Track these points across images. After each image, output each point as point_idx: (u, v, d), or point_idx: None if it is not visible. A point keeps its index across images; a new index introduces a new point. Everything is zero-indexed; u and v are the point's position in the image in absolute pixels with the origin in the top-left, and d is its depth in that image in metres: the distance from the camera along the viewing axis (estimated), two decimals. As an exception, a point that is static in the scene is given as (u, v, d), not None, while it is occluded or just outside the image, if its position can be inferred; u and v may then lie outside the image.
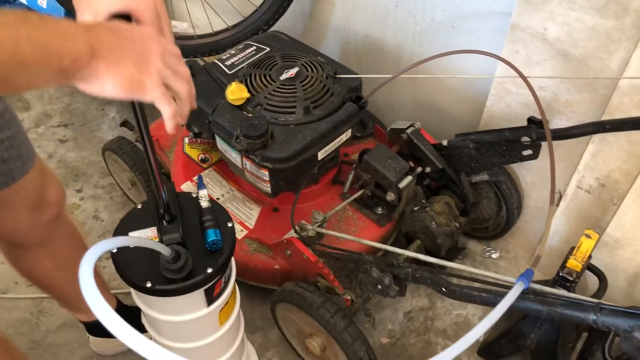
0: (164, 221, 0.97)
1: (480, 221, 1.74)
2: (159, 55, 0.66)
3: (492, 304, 0.83)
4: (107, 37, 0.62)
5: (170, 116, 0.69)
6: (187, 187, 1.64)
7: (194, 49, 1.87)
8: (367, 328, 1.59)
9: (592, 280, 1.52)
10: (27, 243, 1.17)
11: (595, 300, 0.77)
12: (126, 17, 0.72)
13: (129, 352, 1.54)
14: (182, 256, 0.94)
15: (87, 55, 0.60)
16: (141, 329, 1.49)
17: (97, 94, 0.64)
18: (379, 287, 1.14)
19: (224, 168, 1.68)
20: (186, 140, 1.72)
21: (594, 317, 0.75)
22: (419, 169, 1.57)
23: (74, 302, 1.38)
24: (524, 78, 1.26)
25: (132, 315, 1.50)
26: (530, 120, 1.41)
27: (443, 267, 1.25)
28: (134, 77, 0.63)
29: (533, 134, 1.37)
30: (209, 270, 0.96)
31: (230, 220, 1.04)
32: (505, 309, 0.75)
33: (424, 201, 1.59)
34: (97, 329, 1.47)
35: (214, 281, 1.00)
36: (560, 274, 1.26)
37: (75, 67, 0.60)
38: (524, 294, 0.83)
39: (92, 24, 0.66)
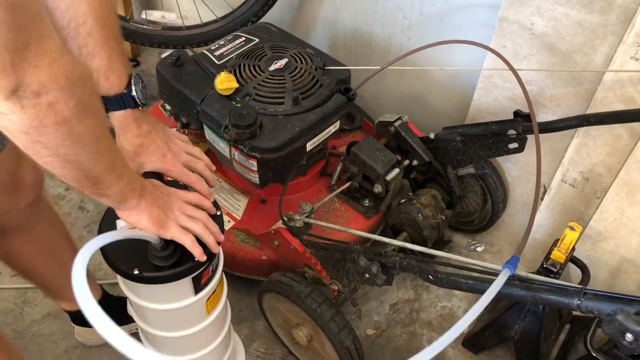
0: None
1: (466, 214, 1.76)
2: (177, 207, 0.90)
3: (479, 291, 0.84)
4: (148, 186, 0.86)
5: (191, 245, 0.90)
6: (174, 177, 1.63)
7: (183, 40, 1.87)
8: (353, 319, 1.60)
9: (575, 274, 1.55)
10: (5, 227, 1.16)
11: (579, 286, 0.78)
12: (158, 174, 0.96)
13: (115, 342, 1.53)
14: (170, 244, 0.94)
15: (139, 191, 0.82)
16: (127, 318, 1.49)
17: (132, 223, 0.85)
18: (367, 275, 1.14)
19: (211, 159, 1.67)
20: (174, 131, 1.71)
21: (578, 302, 0.76)
22: (406, 162, 1.58)
23: (57, 290, 1.37)
24: (513, 69, 1.28)
25: (117, 306, 1.50)
26: (517, 113, 1.42)
27: (431, 257, 1.26)
28: (160, 219, 0.86)
29: (519, 127, 1.39)
30: (197, 258, 0.96)
31: (218, 208, 1.04)
32: (493, 295, 0.76)
33: (410, 194, 1.60)
34: (81, 318, 1.46)
35: (201, 269, 1.00)
36: (545, 266, 1.28)
37: (130, 196, 0.80)
38: (510, 281, 0.84)
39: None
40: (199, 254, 0.91)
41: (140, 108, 0.90)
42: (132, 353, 0.59)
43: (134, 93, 0.88)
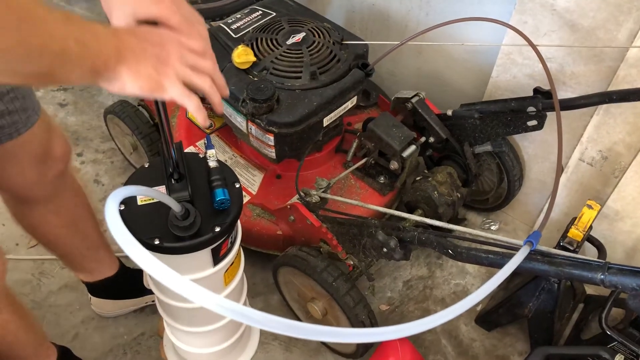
0: (173, 179, 0.97)
1: (481, 193, 1.76)
2: (177, 56, 0.70)
3: (499, 265, 0.84)
4: (129, 40, 0.67)
5: (195, 109, 0.72)
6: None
7: (199, 14, 1.85)
8: (367, 295, 1.61)
9: (590, 253, 1.54)
10: (32, 198, 1.17)
11: (602, 261, 0.78)
12: (154, 23, 0.75)
13: (130, 313, 1.55)
14: (191, 213, 0.94)
15: (114, 57, 0.64)
16: (144, 290, 1.51)
17: (118, 93, 0.68)
18: (384, 250, 1.15)
19: (227, 134, 1.68)
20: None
21: (602, 276, 0.76)
22: (423, 139, 1.57)
23: (77, 261, 1.39)
24: (533, 46, 1.26)
25: (134, 278, 1.52)
26: (537, 90, 1.41)
27: (449, 232, 1.26)
28: (152, 78, 0.67)
29: (539, 104, 1.37)
30: (217, 229, 0.96)
31: (237, 181, 1.05)
32: (513, 269, 0.76)
33: (426, 171, 1.59)
34: (98, 289, 1.48)
35: (221, 240, 1.01)
36: (562, 244, 1.27)
37: (104, 68, 0.64)
38: (532, 256, 0.84)
39: (118, 28, 0.70)
40: (202, 119, 0.75)
41: None
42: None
43: None
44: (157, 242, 0.94)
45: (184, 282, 0.59)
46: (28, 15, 0.55)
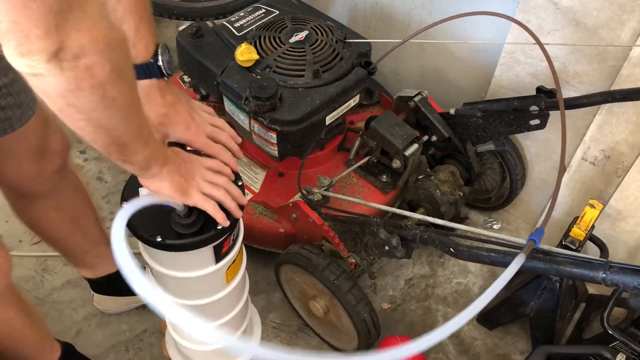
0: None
1: (483, 192, 1.76)
2: (199, 175, 0.91)
3: (501, 264, 0.84)
4: (172, 154, 0.87)
5: (214, 212, 0.91)
6: (193, 149, 1.63)
7: (202, 12, 1.85)
8: (369, 293, 1.61)
9: (592, 252, 1.54)
10: (31, 193, 1.18)
11: (604, 259, 0.78)
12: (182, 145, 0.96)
13: (133, 310, 1.56)
14: (194, 211, 0.94)
15: (162, 160, 0.82)
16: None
17: (155, 190, 0.86)
18: (386, 248, 1.15)
19: (230, 132, 1.68)
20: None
21: (603, 275, 0.76)
22: (425, 138, 1.58)
23: (79, 257, 1.39)
24: (540, 43, 1.26)
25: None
26: (540, 89, 1.41)
27: (451, 230, 1.26)
28: (182, 185, 0.87)
29: (542, 103, 1.37)
30: (219, 227, 0.96)
31: (240, 178, 1.05)
32: (517, 267, 0.76)
33: (428, 170, 1.60)
34: (101, 286, 1.48)
35: (223, 238, 1.01)
36: (563, 243, 1.27)
37: (154, 163, 0.81)
38: (533, 254, 0.84)
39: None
40: (221, 220, 0.92)
41: (165, 78, 0.90)
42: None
43: (160, 63, 0.88)
44: (159, 239, 0.94)
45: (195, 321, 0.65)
46: (137, 89, 0.70)
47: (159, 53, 0.88)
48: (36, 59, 0.55)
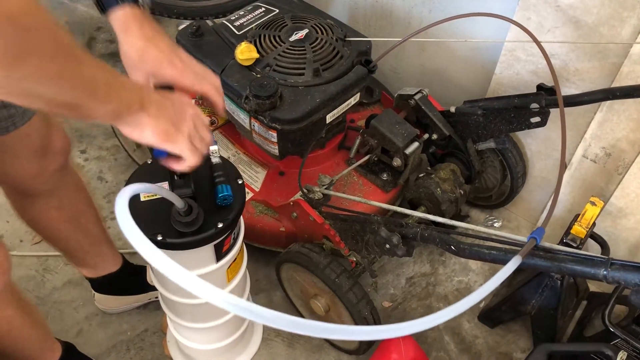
0: (176, 176, 0.97)
1: (484, 190, 1.75)
2: (191, 119, 0.83)
3: (502, 262, 0.84)
4: (154, 96, 0.78)
5: (188, 165, 0.84)
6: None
7: (201, 11, 1.85)
8: (369, 292, 1.61)
9: (593, 250, 1.54)
10: (33, 191, 1.17)
11: (605, 257, 0.78)
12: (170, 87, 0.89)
13: (134, 310, 1.56)
14: (194, 209, 0.94)
15: (137, 105, 0.74)
16: (147, 286, 1.52)
17: (135, 139, 0.77)
18: (387, 246, 1.15)
19: (230, 131, 1.68)
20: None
21: (605, 272, 0.76)
22: (426, 136, 1.57)
23: (80, 256, 1.39)
24: (538, 42, 1.26)
25: (137, 274, 1.52)
26: (540, 87, 1.40)
27: (452, 229, 1.26)
28: (169, 131, 0.79)
29: (542, 101, 1.37)
30: (220, 225, 0.97)
31: (240, 177, 1.05)
32: (517, 264, 0.76)
33: (429, 168, 1.59)
34: (102, 285, 1.48)
35: (224, 236, 1.01)
36: (564, 240, 1.27)
37: (127, 113, 0.73)
38: (535, 252, 0.84)
39: (144, 85, 0.82)
40: (180, 168, 0.86)
41: (139, 6, 0.85)
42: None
43: None
44: (159, 238, 0.94)
45: (195, 280, 0.62)
46: (70, 51, 0.62)
47: None
48: None
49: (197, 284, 0.61)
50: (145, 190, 0.83)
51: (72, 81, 0.63)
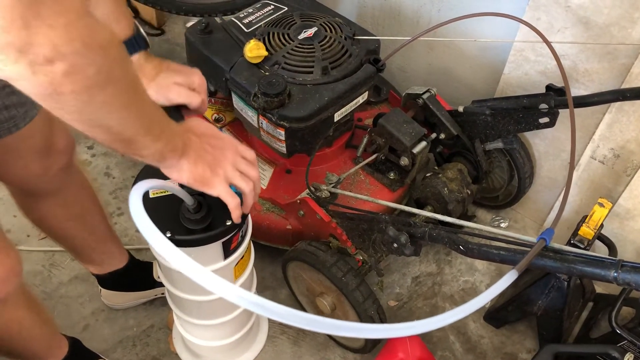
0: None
1: (491, 190, 1.75)
2: (230, 162, 0.86)
3: (511, 262, 0.84)
4: (195, 140, 0.82)
5: (234, 208, 0.88)
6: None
7: (210, 8, 1.85)
8: (375, 291, 1.61)
9: (600, 251, 1.54)
10: (38, 191, 1.18)
11: (616, 258, 0.78)
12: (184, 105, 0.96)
13: (140, 306, 1.56)
14: (203, 207, 0.95)
15: (180, 151, 0.78)
16: (154, 282, 1.52)
17: (174, 180, 0.82)
18: (395, 245, 1.15)
19: (237, 128, 1.68)
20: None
21: (615, 274, 0.76)
22: (433, 135, 1.57)
23: (86, 254, 1.39)
24: (548, 42, 1.25)
25: (144, 270, 1.53)
26: (549, 87, 1.40)
27: (459, 228, 1.26)
28: (205, 175, 0.83)
29: (551, 101, 1.37)
30: (229, 223, 0.97)
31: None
32: (527, 265, 0.76)
33: (436, 168, 1.59)
34: (108, 281, 1.48)
35: (232, 234, 1.02)
36: (572, 242, 1.27)
37: (170, 156, 0.77)
38: (544, 253, 0.84)
39: (187, 128, 0.84)
40: (237, 217, 0.91)
41: (147, 49, 0.92)
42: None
43: (143, 33, 0.88)
44: (168, 234, 0.95)
45: (211, 276, 0.65)
46: (136, 85, 0.67)
47: (138, 25, 0.89)
48: (2, 59, 0.49)
49: (212, 280, 0.63)
50: (157, 186, 0.83)
51: (137, 113, 0.67)
